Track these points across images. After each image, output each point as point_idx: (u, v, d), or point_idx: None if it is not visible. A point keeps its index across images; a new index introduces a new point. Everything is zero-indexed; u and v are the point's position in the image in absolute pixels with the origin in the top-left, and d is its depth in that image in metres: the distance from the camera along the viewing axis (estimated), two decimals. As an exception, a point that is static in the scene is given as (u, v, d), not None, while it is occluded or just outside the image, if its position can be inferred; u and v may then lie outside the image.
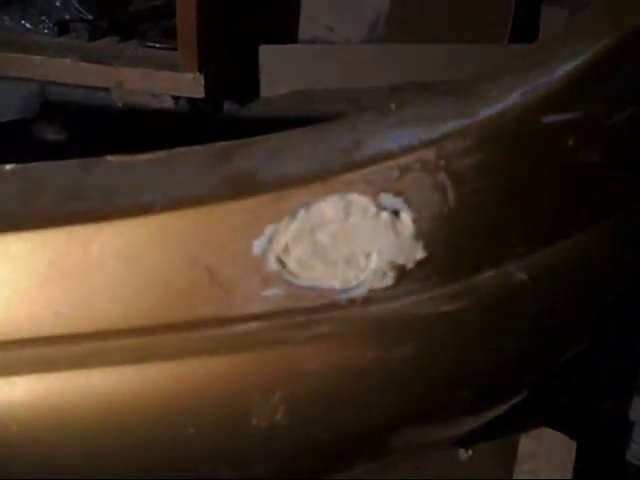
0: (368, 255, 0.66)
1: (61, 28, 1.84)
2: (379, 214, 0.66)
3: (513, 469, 1.13)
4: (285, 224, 0.65)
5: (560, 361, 0.89)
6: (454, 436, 0.98)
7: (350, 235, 0.66)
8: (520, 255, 0.72)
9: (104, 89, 1.79)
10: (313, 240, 0.66)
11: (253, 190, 0.66)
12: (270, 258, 0.66)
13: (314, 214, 0.66)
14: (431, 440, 0.91)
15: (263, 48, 1.81)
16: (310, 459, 0.80)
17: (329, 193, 0.66)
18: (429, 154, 0.67)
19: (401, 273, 0.67)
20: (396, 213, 0.66)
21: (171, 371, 0.68)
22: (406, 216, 0.66)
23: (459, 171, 0.67)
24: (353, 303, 0.68)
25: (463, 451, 1.19)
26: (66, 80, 1.79)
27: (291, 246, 0.66)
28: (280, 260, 0.66)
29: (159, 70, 1.73)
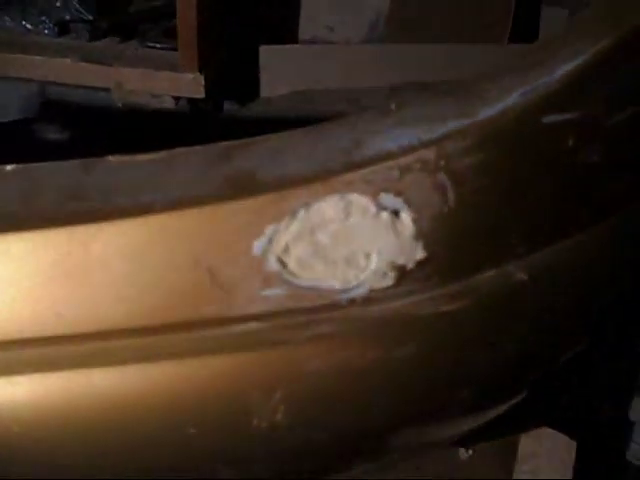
0: (368, 255, 0.66)
1: (61, 28, 1.84)
2: (379, 214, 0.66)
3: (513, 469, 1.13)
4: (285, 224, 0.65)
5: (560, 361, 0.90)
6: (454, 436, 0.98)
7: (350, 235, 0.66)
8: (520, 255, 0.72)
9: (104, 89, 1.79)
10: (313, 240, 0.66)
11: (253, 190, 0.66)
12: (270, 258, 0.66)
13: (314, 214, 0.66)
14: (431, 440, 0.92)
15: (263, 48, 1.81)
16: (310, 459, 0.80)
17: (329, 193, 0.66)
18: (429, 154, 0.67)
19: (401, 273, 0.67)
20: (396, 213, 0.66)
21: (172, 371, 0.68)
22: (406, 216, 0.66)
23: (459, 171, 0.67)
24: (353, 303, 0.68)
25: (463, 451, 1.19)
26: (66, 80, 1.80)
27: (291, 246, 0.66)
28: (280, 260, 0.66)
29: (159, 70, 1.73)
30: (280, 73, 1.82)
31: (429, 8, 1.82)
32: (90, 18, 1.84)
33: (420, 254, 0.67)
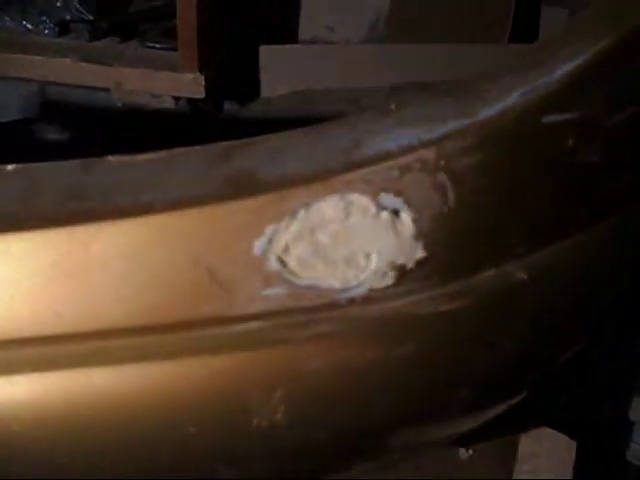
0: (368, 255, 0.67)
1: (61, 28, 1.84)
2: (379, 214, 0.66)
3: (513, 469, 1.13)
4: (285, 224, 0.65)
5: (560, 361, 0.90)
6: (454, 435, 0.98)
7: (350, 235, 0.66)
8: (520, 255, 0.72)
9: (104, 89, 1.79)
10: (313, 240, 0.66)
11: (253, 190, 0.66)
12: (270, 258, 0.66)
13: (314, 214, 0.66)
14: (431, 439, 0.92)
15: (263, 48, 1.81)
16: (310, 458, 0.80)
17: (329, 193, 0.66)
18: (429, 154, 0.67)
19: (401, 273, 0.67)
20: (396, 213, 0.66)
21: (172, 370, 0.68)
22: (406, 216, 0.66)
23: (459, 171, 0.67)
24: (353, 303, 0.68)
25: (463, 451, 1.19)
26: (66, 80, 1.80)
27: (291, 246, 0.66)
28: (280, 260, 0.66)
29: (159, 70, 1.73)
30: (280, 73, 1.82)
31: (429, 8, 1.82)
32: (90, 18, 1.84)
33: (420, 254, 0.67)
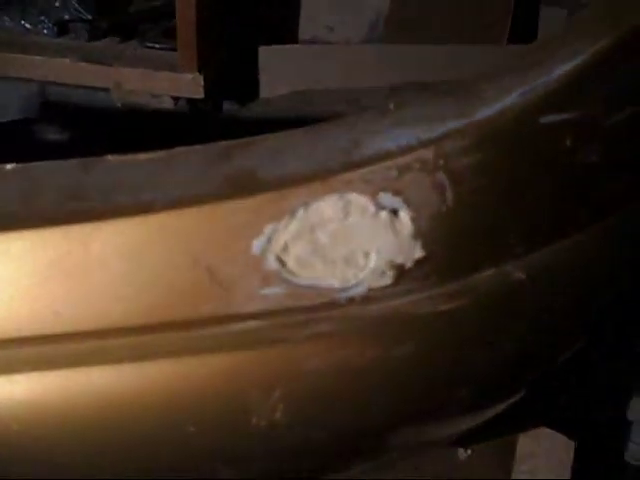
0: (367, 254, 0.67)
1: (61, 28, 1.84)
2: (378, 213, 0.66)
3: (512, 469, 1.13)
4: (284, 223, 0.65)
5: (558, 361, 0.90)
6: (452, 435, 0.98)
7: (349, 234, 0.66)
8: (518, 255, 0.72)
9: (104, 89, 1.79)
10: (312, 239, 0.66)
11: (253, 189, 0.66)
12: (269, 257, 0.66)
13: (313, 213, 0.66)
14: (430, 439, 0.92)
15: (263, 49, 1.81)
16: (309, 458, 0.80)
17: (328, 192, 0.66)
18: (428, 154, 0.67)
19: (400, 272, 0.67)
20: (395, 212, 0.66)
21: (171, 369, 0.68)
22: (405, 215, 0.67)
23: (458, 171, 0.67)
24: (352, 302, 0.68)
25: (462, 451, 1.19)
26: (66, 80, 1.80)
27: (290, 245, 0.66)
28: (279, 259, 0.66)
29: (159, 70, 1.73)
30: (280, 73, 1.83)
31: (429, 8, 1.82)
32: (89, 18, 1.84)
33: (419, 253, 0.67)
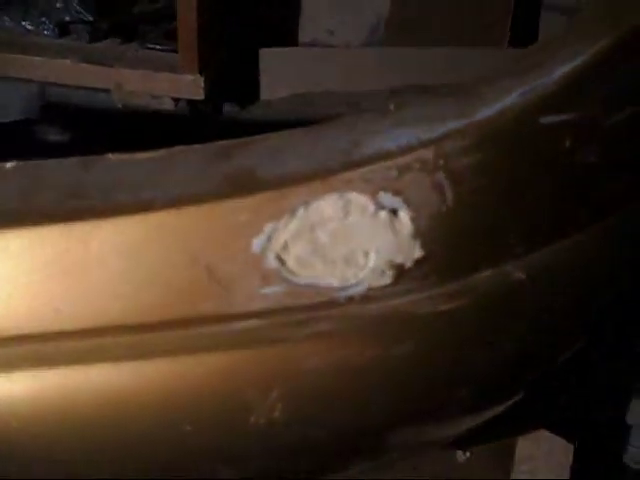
0: (367, 253, 0.67)
1: (61, 29, 1.84)
2: (378, 213, 0.66)
3: (511, 471, 1.13)
4: (284, 222, 0.66)
5: (558, 361, 0.90)
6: (452, 435, 0.98)
7: (349, 233, 0.66)
8: (518, 255, 0.72)
9: (104, 90, 1.79)
10: (312, 238, 0.66)
11: (253, 188, 0.66)
12: (269, 256, 0.66)
13: (313, 212, 0.66)
14: (429, 439, 0.92)
15: (263, 51, 1.81)
16: (308, 457, 0.80)
17: (328, 192, 0.66)
18: (428, 154, 0.67)
19: (399, 272, 0.67)
20: (395, 212, 0.66)
21: (170, 368, 0.68)
22: (405, 215, 0.67)
23: (457, 171, 0.67)
24: (352, 301, 0.68)
25: (461, 453, 1.19)
26: (66, 81, 1.80)
27: (290, 244, 0.66)
28: (279, 258, 0.66)
29: (159, 72, 1.73)
30: (280, 75, 1.83)
31: (429, 10, 1.82)
32: (90, 19, 1.84)
33: (418, 253, 0.67)
